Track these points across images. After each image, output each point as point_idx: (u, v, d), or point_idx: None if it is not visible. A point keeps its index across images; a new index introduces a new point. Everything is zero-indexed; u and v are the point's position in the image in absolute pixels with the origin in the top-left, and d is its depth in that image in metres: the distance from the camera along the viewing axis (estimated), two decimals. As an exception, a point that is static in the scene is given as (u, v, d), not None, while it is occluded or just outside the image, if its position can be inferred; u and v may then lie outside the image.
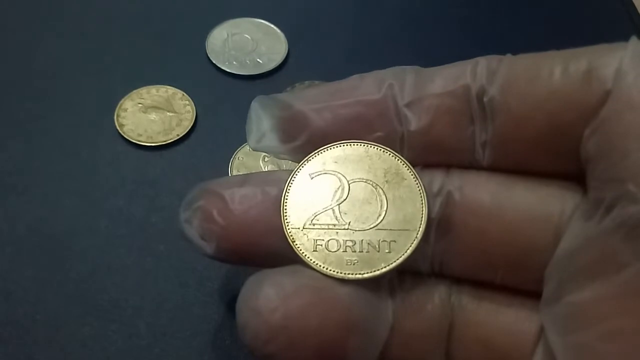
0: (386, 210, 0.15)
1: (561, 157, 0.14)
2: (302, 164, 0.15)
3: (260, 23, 0.28)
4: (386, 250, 0.14)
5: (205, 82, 0.26)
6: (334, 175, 0.15)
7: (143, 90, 0.25)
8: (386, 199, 0.15)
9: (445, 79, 0.15)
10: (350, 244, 0.14)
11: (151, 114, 0.25)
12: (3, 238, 0.21)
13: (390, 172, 0.15)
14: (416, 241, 0.14)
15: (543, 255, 0.14)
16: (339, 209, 0.15)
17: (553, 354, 0.13)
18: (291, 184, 0.15)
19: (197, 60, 0.27)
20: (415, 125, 0.15)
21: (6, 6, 0.28)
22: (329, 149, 0.15)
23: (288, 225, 0.15)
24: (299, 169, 0.15)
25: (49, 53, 0.26)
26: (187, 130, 0.24)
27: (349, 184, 0.15)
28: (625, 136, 0.12)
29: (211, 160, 0.24)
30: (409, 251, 0.14)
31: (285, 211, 0.15)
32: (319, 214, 0.15)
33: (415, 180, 0.15)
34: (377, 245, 0.14)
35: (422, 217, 0.14)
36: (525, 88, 0.14)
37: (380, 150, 0.15)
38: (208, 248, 0.15)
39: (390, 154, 0.15)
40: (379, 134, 0.15)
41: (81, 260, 0.21)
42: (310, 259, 0.14)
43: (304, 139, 0.15)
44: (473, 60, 0.15)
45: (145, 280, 0.21)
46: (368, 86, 0.15)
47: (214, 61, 0.27)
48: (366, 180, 0.15)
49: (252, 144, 0.16)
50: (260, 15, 0.28)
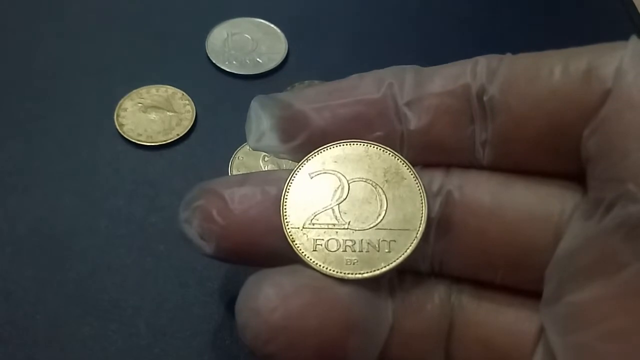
0: (386, 209, 0.15)
1: (561, 157, 0.14)
2: (302, 163, 0.15)
3: (260, 23, 0.28)
4: (386, 249, 0.14)
5: (205, 82, 0.26)
6: (333, 174, 0.15)
7: (143, 90, 0.25)
8: (386, 198, 0.15)
9: (445, 78, 0.15)
10: (350, 244, 0.14)
11: (151, 113, 0.25)
12: (3, 238, 0.21)
13: (390, 172, 0.15)
14: (416, 241, 0.14)
15: (543, 255, 0.14)
16: (339, 208, 0.15)
17: (553, 354, 0.13)
18: (291, 183, 0.15)
19: (197, 60, 0.27)
20: (415, 125, 0.15)
21: (6, 6, 0.28)
22: (328, 148, 0.15)
23: (288, 225, 0.15)
24: (299, 169, 0.15)
25: (49, 53, 0.26)
26: (187, 130, 0.24)
27: (349, 184, 0.15)
28: (625, 136, 0.12)
29: (211, 160, 0.24)
30: (409, 251, 0.14)
31: (285, 211, 0.15)
32: (318, 214, 0.15)
33: (415, 180, 0.15)
34: (377, 245, 0.14)
35: (422, 217, 0.14)
36: (525, 87, 0.14)
37: (380, 149, 0.15)
38: (208, 248, 0.15)
39: (390, 154, 0.15)
40: (378, 133, 0.15)
41: (81, 260, 0.21)
42: (310, 259, 0.14)
43: (304, 139, 0.15)
44: (473, 60, 0.15)
45: (145, 280, 0.21)
46: (368, 85, 0.15)
47: (214, 61, 0.27)
48: (366, 180, 0.15)
49: (252, 143, 0.16)
50: (260, 15, 0.28)
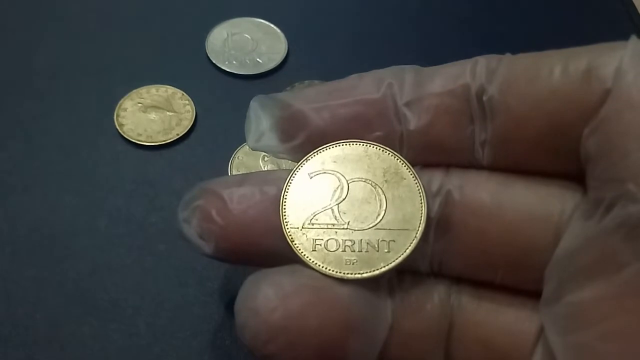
0: (385, 209, 0.15)
1: (561, 157, 0.14)
2: (301, 163, 0.15)
3: (260, 23, 0.28)
4: (385, 249, 0.14)
5: (205, 82, 0.26)
6: (333, 174, 0.15)
7: (143, 90, 0.25)
8: (385, 198, 0.15)
9: (444, 78, 0.15)
10: (349, 244, 0.14)
11: (151, 113, 0.25)
12: (3, 238, 0.21)
13: (389, 172, 0.15)
14: (415, 241, 0.14)
15: (543, 255, 0.14)
16: (338, 208, 0.15)
17: (553, 354, 0.13)
18: (290, 183, 0.15)
19: (197, 60, 0.27)
20: (414, 125, 0.15)
21: (6, 6, 0.28)
22: (328, 148, 0.15)
23: (287, 225, 0.15)
24: (298, 169, 0.15)
25: (49, 53, 0.26)
26: (187, 129, 0.24)
27: (348, 184, 0.15)
28: (625, 135, 0.12)
29: (211, 160, 0.24)
30: (408, 251, 0.14)
31: (284, 211, 0.15)
32: (318, 214, 0.15)
33: (415, 180, 0.15)
34: (376, 245, 0.14)
35: (422, 217, 0.14)
36: (524, 87, 0.14)
37: (380, 149, 0.15)
38: (207, 248, 0.15)
39: (389, 154, 0.15)
40: (378, 133, 0.15)
41: (81, 260, 0.21)
42: (309, 259, 0.14)
43: (303, 139, 0.15)
44: (472, 60, 0.15)
45: (145, 279, 0.21)
46: (367, 85, 0.15)
47: (214, 61, 0.27)
48: (365, 180, 0.15)
49: (251, 143, 0.16)
50: (260, 15, 0.28)
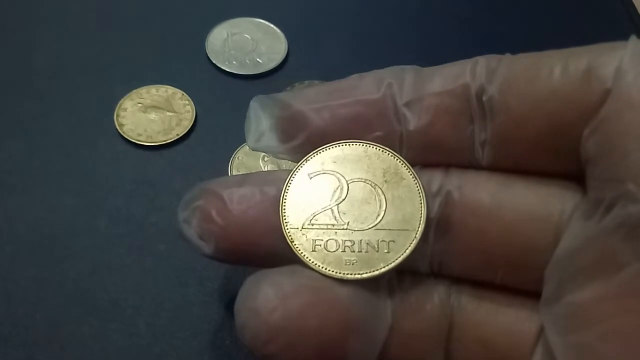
0: (385, 210, 0.15)
1: (561, 157, 0.14)
2: (301, 163, 0.15)
3: (260, 23, 0.28)
4: (385, 250, 0.14)
5: (205, 82, 0.26)
6: (332, 175, 0.15)
7: (143, 90, 0.25)
8: (385, 198, 0.15)
9: (444, 78, 0.15)
10: (349, 244, 0.14)
11: (151, 113, 0.25)
12: (3, 238, 0.21)
13: (389, 172, 0.15)
14: (415, 241, 0.14)
15: (543, 255, 0.14)
16: (338, 208, 0.15)
17: (553, 354, 0.13)
18: (290, 183, 0.15)
19: (197, 60, 0.27)
20: (414, 125, 0.15)
21: (6, 6, 0.28)
22: (327, 148, 0.15)
23: (287, 225, 0.15)
24: (298, 169, 0.15)
25: (48, 53, 0.26)
26: (187, 130, 0.24)
27: (348, 184, 0.15)
28: (625, 135, 0.12)
29: (211, 160, 0.24)
30: (408, 251, 0.14)
31: (284, 211, 0.15)
32: (317, 214, 0.15)
33: (414, 180, 0.15)
34: (376, 245, 0.14)
35: (421, 217, 0.14)
36: (524, 87, 0.14)
37: (379, 150, 0.15)
38: (207, 248, 0.15)
39: (389, 154, 0.15)
40: (378, 133, 0.15)
41: (81, 260, 0.21)
42: (309, 259, 0.14)
43: (303, 139, 0.15)
44: (472, 60, 0.15)
45: (145, 279, 0.21)
46: (367, 86, 0.15)
47: (214, 61, 0.27)
48: (365, 180, 0.15)
49: (251, 143, 0.16)
50: (260, 15, 0.28)
